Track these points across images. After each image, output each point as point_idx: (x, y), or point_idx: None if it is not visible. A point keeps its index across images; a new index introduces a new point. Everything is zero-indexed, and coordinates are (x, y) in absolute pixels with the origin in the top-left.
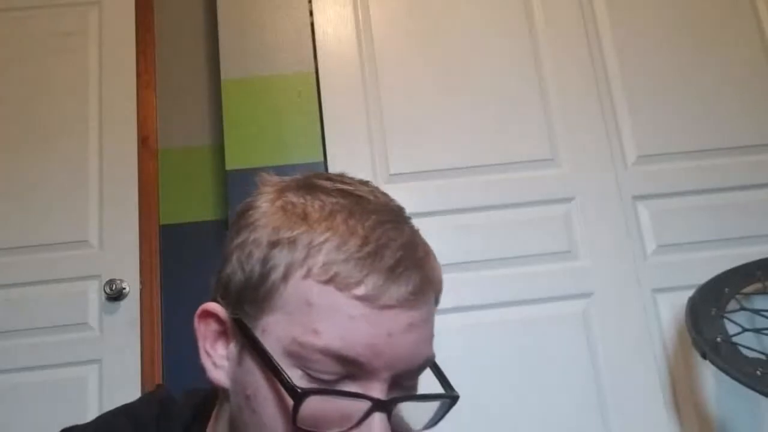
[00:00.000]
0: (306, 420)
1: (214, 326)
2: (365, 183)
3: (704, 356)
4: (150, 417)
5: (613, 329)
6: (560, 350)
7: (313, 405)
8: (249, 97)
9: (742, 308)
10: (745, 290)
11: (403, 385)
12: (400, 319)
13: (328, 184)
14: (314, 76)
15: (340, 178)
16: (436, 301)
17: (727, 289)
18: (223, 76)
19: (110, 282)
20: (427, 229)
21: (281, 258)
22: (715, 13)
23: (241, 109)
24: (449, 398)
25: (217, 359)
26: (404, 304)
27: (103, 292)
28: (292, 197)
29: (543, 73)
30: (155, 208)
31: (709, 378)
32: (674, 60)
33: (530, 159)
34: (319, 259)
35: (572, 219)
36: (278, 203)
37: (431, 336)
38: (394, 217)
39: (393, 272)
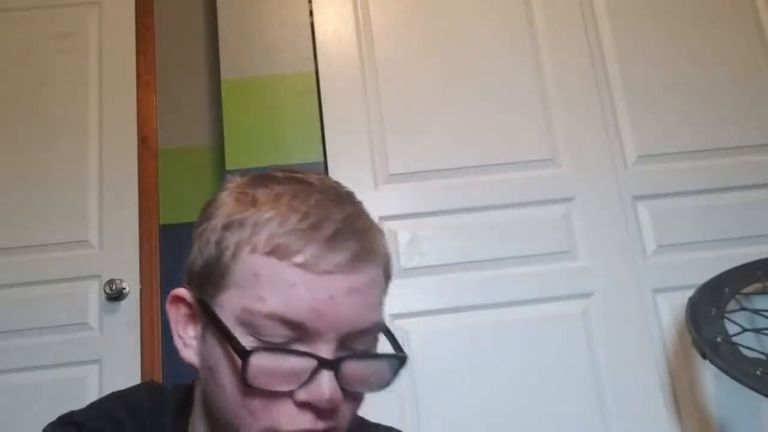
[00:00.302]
0: (257, 379)
1: (183, 310)
2: (318, 173)
3: (704, 356)
4: (143, 404)
5: (613, 329)
6: (560, 350)
7: (261, 363)
8: (249, 97)
9: (742, 308)
10: (745, 290)
11: (353, 349)
12: (341, 283)
13: (280, 174)
14: (314, 76)
15: (294, 170)
16: (387, 276)
17: (727, 289)
18: (223, 76)
19: (110, 282)
20: (427, 229)
21: (232, 238)
22: (715, 13)
23: (241, 109)
24: (397, 358)
25: (187, 340)
26: (343, 269)
27: (103, 292)
28: (246, 188)
29: (543, 73)
30: (155, 208)
31: (709, 378)
32: (674, 60)
33: (530, 159)
34: (263, 234)
35: (572, 219)
36: (233, 195)
37: (378, 302)
38: (338, 197)
39: (331, 241)
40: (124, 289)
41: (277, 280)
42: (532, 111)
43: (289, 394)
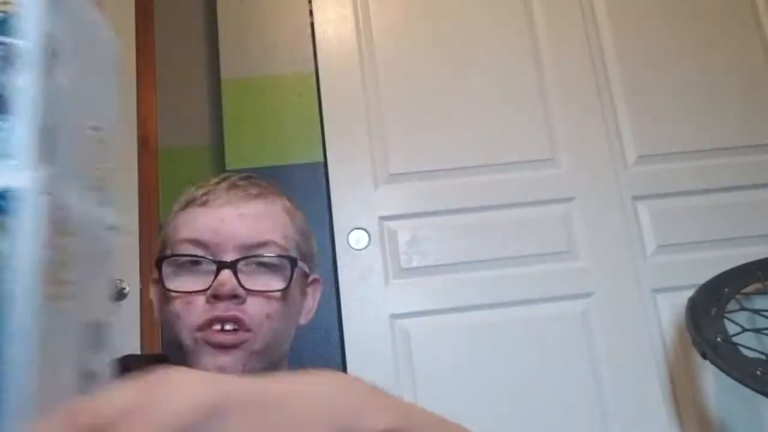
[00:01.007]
0: (173, 284)
1: (159, 288)
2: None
3: (704, 356)
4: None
5: (613, 329)
6: (560, 350)
7: (173, 271)
8: (249, 97)
9: (742, 308)
10: (745, 290)
11: (254, 262)
12: (231, 211)
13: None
14: (314, 76)
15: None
16: (297, 229)
17: (727, 289)
18: (223, 76)
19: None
20: (427, 229)
21: (171, 216)
22: (715, 13)
23: (241, 109)
24: (287, 258)
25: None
26: (234, 203)
27: None
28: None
29: (543, 73)
30: (155, 208)
31: (709, 378)
32: (674, 60)
33: (530, 159)
34: (183, 200)
35: (572, 219)
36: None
37: (276, 228)
38: (247, 176)
39: (226, 189)
40: (124, 289)
41: (188, 220)
42: (532, 111)
43: (203, 294)
